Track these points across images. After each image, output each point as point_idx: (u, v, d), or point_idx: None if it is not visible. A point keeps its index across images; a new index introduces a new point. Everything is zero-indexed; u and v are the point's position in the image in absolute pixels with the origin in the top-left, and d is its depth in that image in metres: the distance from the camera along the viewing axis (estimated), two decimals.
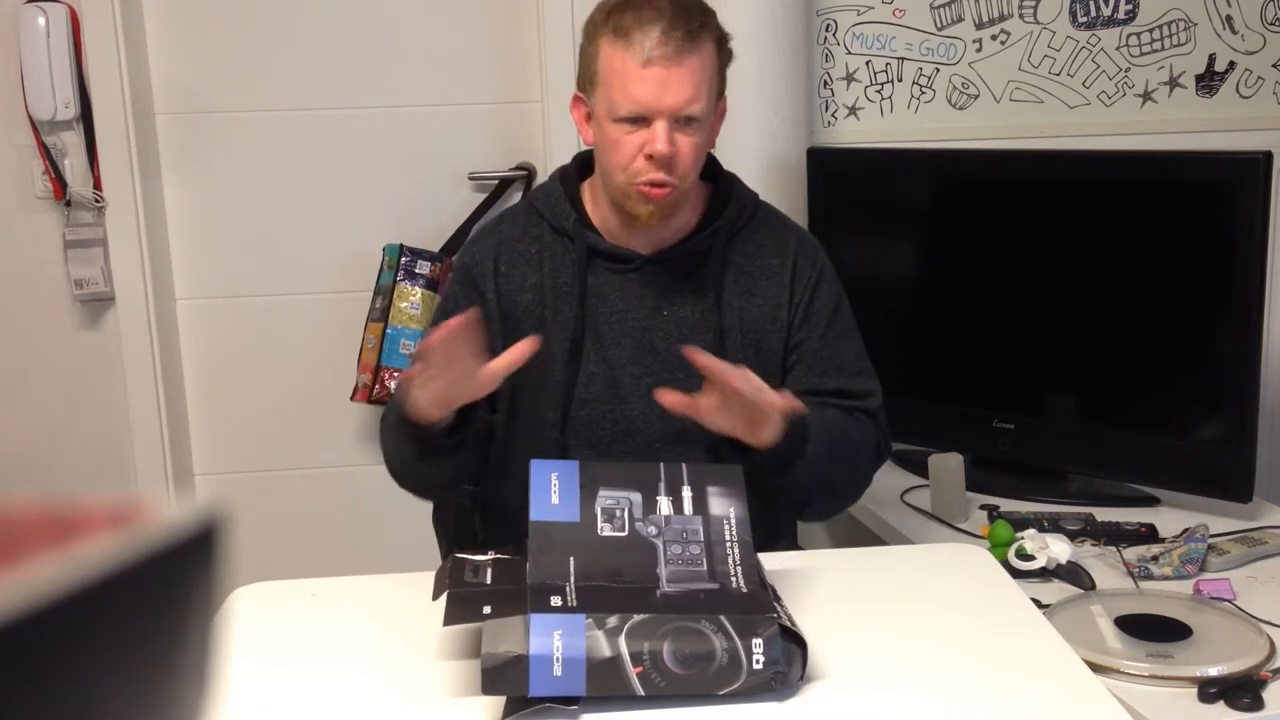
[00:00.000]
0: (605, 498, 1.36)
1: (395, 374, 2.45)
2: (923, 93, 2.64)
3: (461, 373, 1.51)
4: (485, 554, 1.39)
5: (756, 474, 1.50)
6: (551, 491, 1.35)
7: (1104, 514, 2.16)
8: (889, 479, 2.34)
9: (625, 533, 1.33)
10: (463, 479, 1.78)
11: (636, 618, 1.20)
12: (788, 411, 1.53)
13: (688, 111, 1.61)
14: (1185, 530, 1.98)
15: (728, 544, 1.33)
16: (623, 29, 1.61)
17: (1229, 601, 1.79)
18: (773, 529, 1.76)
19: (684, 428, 1.72)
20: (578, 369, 1.72)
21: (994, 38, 2.64)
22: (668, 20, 1.59)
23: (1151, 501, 2.23)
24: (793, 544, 1.83)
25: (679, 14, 1.60)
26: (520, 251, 1.76)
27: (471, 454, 1.69)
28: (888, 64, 2.63)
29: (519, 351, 1.52)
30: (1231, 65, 2.68)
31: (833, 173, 2.47)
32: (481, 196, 2.61)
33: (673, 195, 1.66)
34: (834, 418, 1.69)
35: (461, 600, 1.28)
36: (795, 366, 1.76)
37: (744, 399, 1.50)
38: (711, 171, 1.80)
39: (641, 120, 1.61)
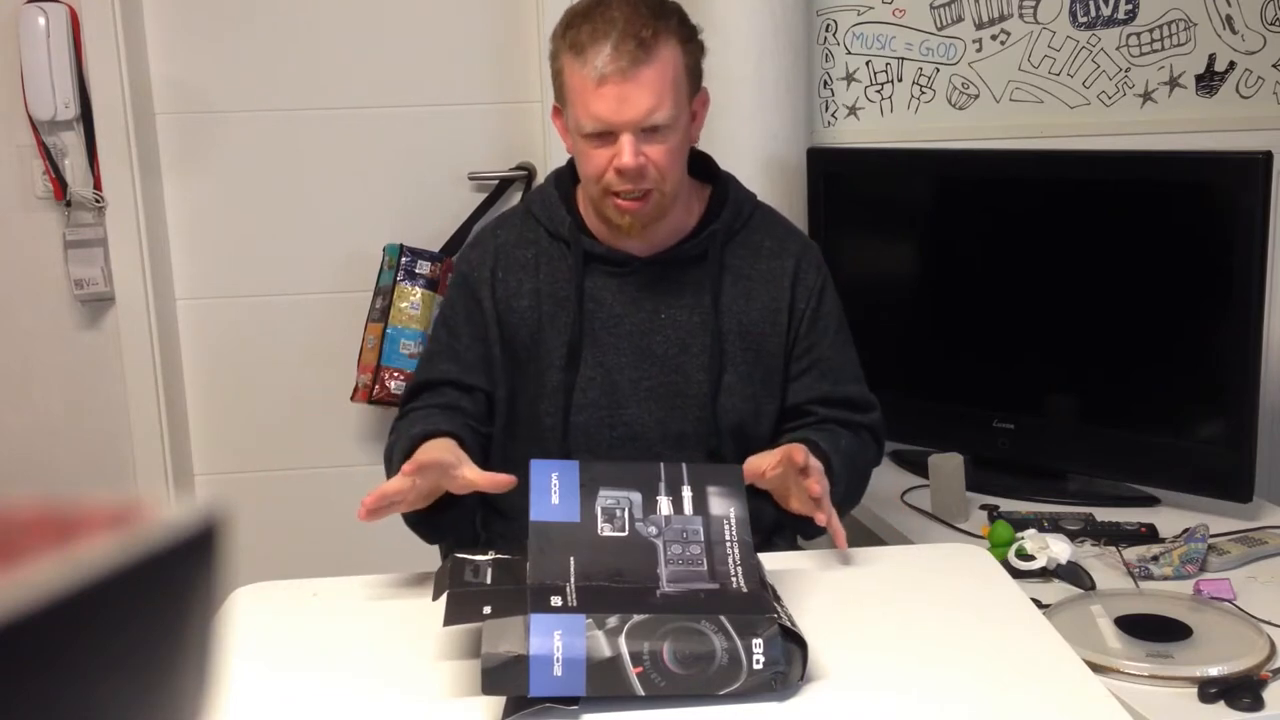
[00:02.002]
0: (605, 498, 1.36)
1: (395, 374, 2.45)
2: (923, 93, 2.64)
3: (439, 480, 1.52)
4: (485, 554, 1.39)
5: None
6: (551, 491, 1.35)
7: (1104, 514, 2.16)
8: (889, 479, 2.34)
9: (625, 533, 1.33)
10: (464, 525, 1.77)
11: (636, 618, 1.20)
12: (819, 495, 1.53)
13: (650, 122, 1.60)
14: (1185, 530, 1.98)
15: (728, 544, 1.33)
16: (579, 45, 1.59)
17: (1229, 601, 1.79)
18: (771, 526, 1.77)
19: (683, 431, 1.72)
20: (575, 374, 1.72)
21: (994, 38, 2.64)
22: (619, 33, 1.57)
23: (1151, 501, 2.23)
24: (793, 544, 1.83)
25: (631, 23, 1.58)
26: (516, 257, 1.76)
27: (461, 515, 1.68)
28: (888, 64, 2.63)
29: (498, 480, 1.50)
30: (1231, 65, 2.68)
31: (833, 173, 2.47)
32: (481, 197, 2.61)
33: (650, 204, 1.65)
34: (851, 451, 1.71)
35: (461, 600, 1.28)
36: (807, 372, 1.76)
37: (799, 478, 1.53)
38: (709, 172, 1.80)
39: (608, 134, 1.61)
